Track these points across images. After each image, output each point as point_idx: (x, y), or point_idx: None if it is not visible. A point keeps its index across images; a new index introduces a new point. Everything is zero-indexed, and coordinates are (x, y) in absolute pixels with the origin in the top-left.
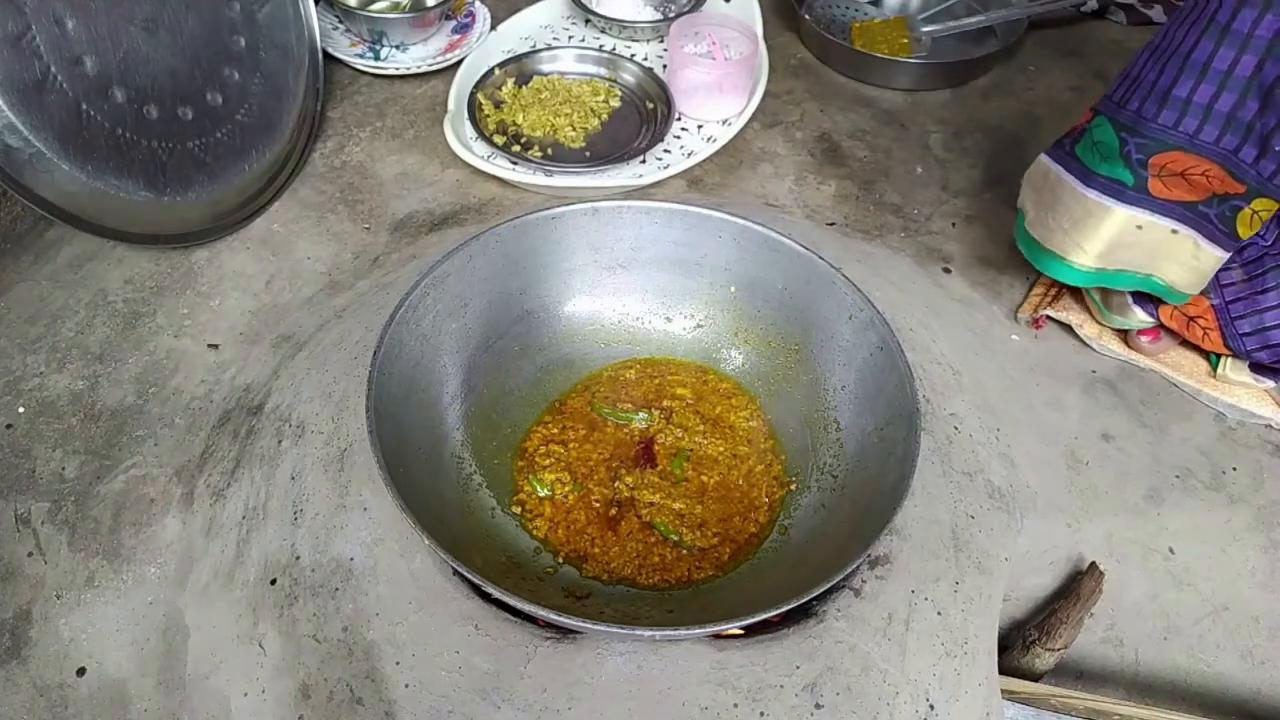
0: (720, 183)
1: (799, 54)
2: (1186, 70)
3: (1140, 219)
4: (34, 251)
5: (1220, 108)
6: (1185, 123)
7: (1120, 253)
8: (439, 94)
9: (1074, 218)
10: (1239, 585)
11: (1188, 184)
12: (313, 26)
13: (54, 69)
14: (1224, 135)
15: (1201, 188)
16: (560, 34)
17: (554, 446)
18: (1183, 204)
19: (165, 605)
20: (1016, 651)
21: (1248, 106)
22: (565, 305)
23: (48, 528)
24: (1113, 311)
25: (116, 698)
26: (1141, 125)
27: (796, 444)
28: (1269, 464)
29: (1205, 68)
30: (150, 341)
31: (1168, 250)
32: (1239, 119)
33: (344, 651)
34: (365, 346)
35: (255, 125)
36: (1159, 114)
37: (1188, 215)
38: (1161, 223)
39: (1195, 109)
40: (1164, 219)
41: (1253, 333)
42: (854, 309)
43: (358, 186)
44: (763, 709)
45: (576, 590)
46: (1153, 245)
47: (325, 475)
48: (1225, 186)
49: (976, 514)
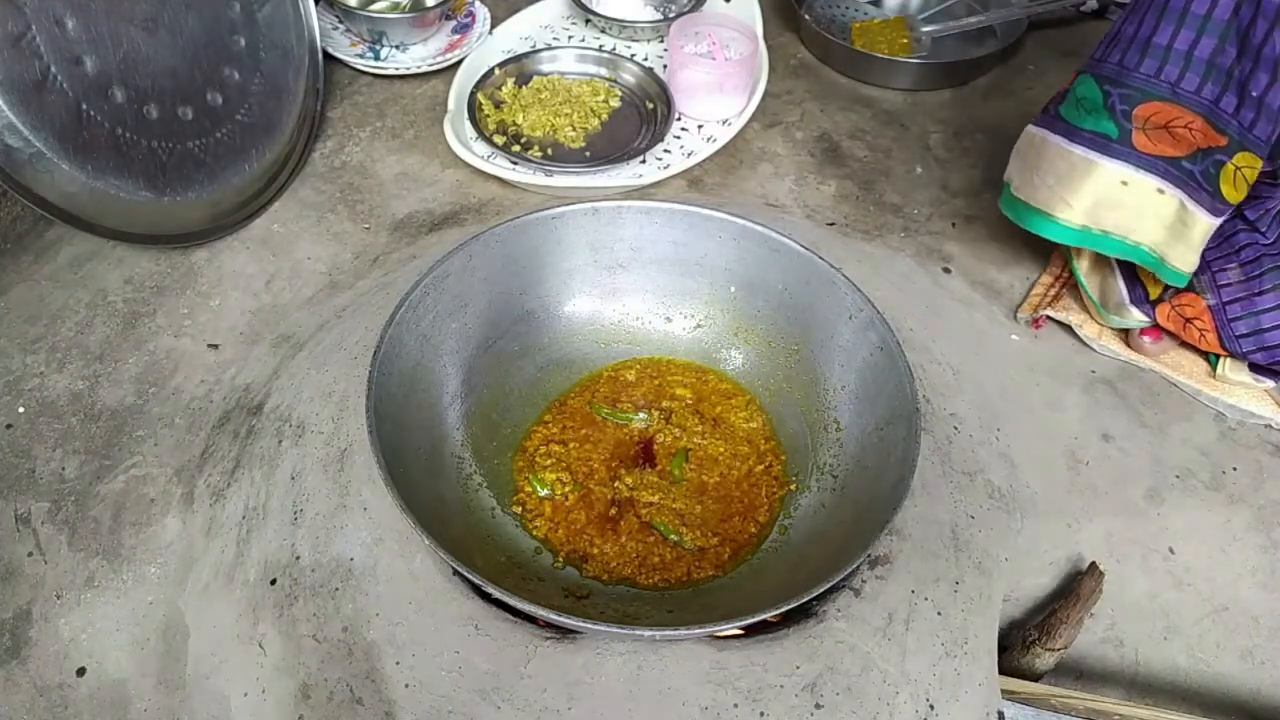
0: (720, 183)
1: (799, 54)
2: (1166, 17)
3: (1125, 174)
4: (34, 251)
5: (1200, 54)
6: (1167, 71)
7: (1107, 213)
8: (439, 94)
9: (1059, 174)
10: (1239, 585)
11: (1171, 138)
12: (313, 26)
13: (54, 69)
14: (1205, 84)
15: (1185, 142)
16: (560, 34)
17: (554, 446)
18: (1167, 159)
19: (165, 605)
20: (1016, 651)
21: (1226, 52)
22: (565, 305)
23: (48, 528)
24: (1110, 311)
25: (116, 698)
26: (1125, 76)
27: (796, 444)
28: (1269, 464)
29: (1184, 13)
30: (150, 341)
31: (1155, 212)
32: (1219, 65)
33: (344, 651)
34: (365, 346)
35: (255, 125)
36: (1141, 63)
37: (1172, 172)
38: (1147, 180)
39: (1176, 56)
40: (1149, 176)
41: (1249, 334)
42: (854, 309)
43: (358, 186)
44: (763, 709)
45: (576, 590)
46: (1139, 206)
47: (325, 475)
48: (1208, 139)
49: (976, 514)
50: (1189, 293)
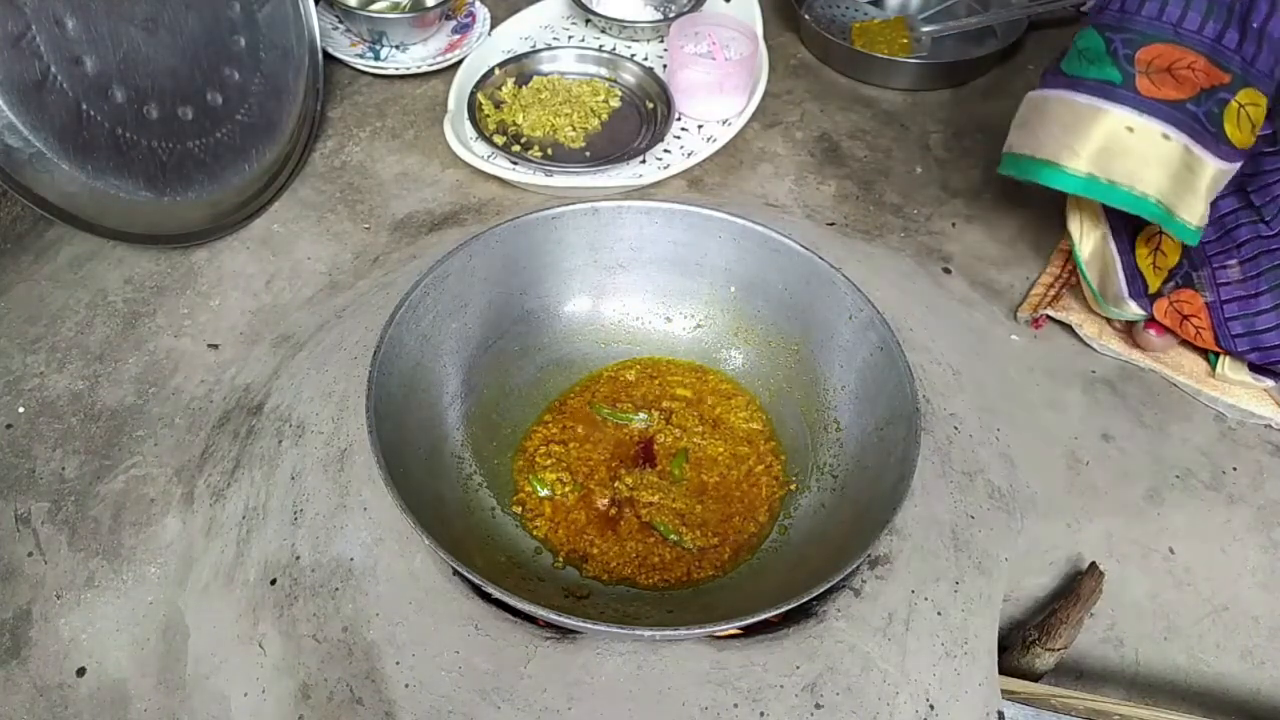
0: (720, 183)
1: (799, 54)
2: None
3: (1130, 120)
4: (34, 251)
5: None
6: (1169, 11)
7: (1114, 161)
8: (439, 94)
9: (1064, 123)
10: (1239, 585)
11: (1175, 80)
12: (313, 26)
13: (54, 69)
14: (1206, 22)
15: (1189, 83)
16: (560, 34)
17: (554, 446)
18: (1171, 103)
19: (165, 605)
20: (1016, 651)
21: None
22: (565, 305)
23: (48, 528)
24: (1109, 302)
25: (117, 698)
26: (1126, 20)
27: (796, 444)
28: (1269, 464)
29: None
30: (150, 341)
31: (1160, 159)
32: (1219, 1)
33: (344, 651)
34: (365, 346)
35: (255, 125)
36: (1142, 6)
37: (1176, 115)
38: (1152, 125)
39: None
40: (1154, 120)
41: (1245, 334)
42: (854, 309)
43: (358, 186)
44: (763, 709)
45: (576, 590)
46: (1144, 153)
47: (325, 475)
48: (1211, 78)
49: (976, 514)
50: (1188, 289)
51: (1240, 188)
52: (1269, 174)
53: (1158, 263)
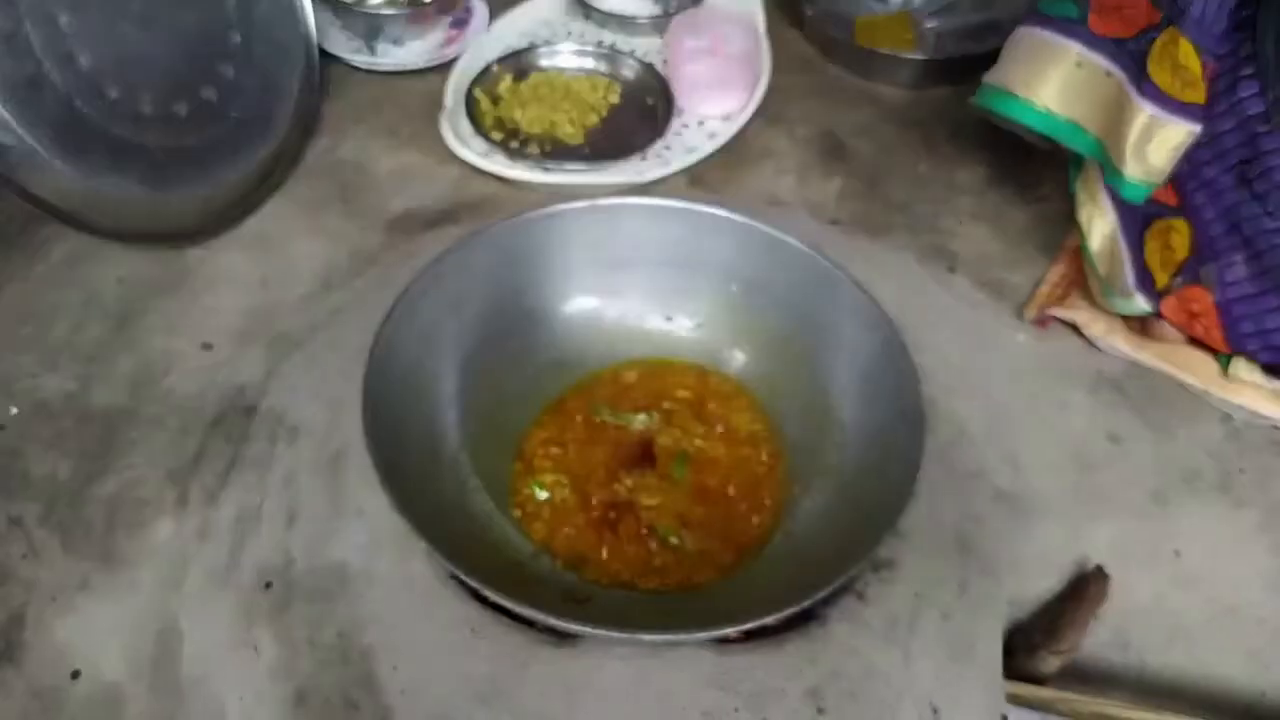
0: (722, 180)
1: (802, 50)
2: None
3: (1080, 55)
4: (26, 250)
5: None
6: None
7: (1071, 98)
8: (436, 90)
9: (1030, 58)
10: (1246, 588)
11: (1122, 19)
12: (309, 22)
13: (47, 65)
14: None
15: (1133, 23)
16: (559, 29)
17: (553, 448)
18: (1115, 39)
19: (159, 608)
20: (1021, 655)
21: None
22: (565, 305)
23: (41, 530)
24: (1117, 294)
25: (111, 701)
26: None
27: (799, 445)
28: (1277, 466)
29: None
30: (143, 341)
31: (1103, 99)
32: None
33: (339, 656)
34: (361, 346)
35: (250, 122)
36: None
37: (1117, 53)
38: (1098, 61)
39: None
40: (1099, 56)
41: (1254, 333)
42: (858, 308)
43: (353, 184)
44: (764, 714)
45: (576, 594)
46: (1094, 93)
47: (320, 477)
48: (1149, 17)
49: (981, 516)
50: (1196, 286)
51: (1242, 177)
52: (1268, 155)
53: (1164, 257)
